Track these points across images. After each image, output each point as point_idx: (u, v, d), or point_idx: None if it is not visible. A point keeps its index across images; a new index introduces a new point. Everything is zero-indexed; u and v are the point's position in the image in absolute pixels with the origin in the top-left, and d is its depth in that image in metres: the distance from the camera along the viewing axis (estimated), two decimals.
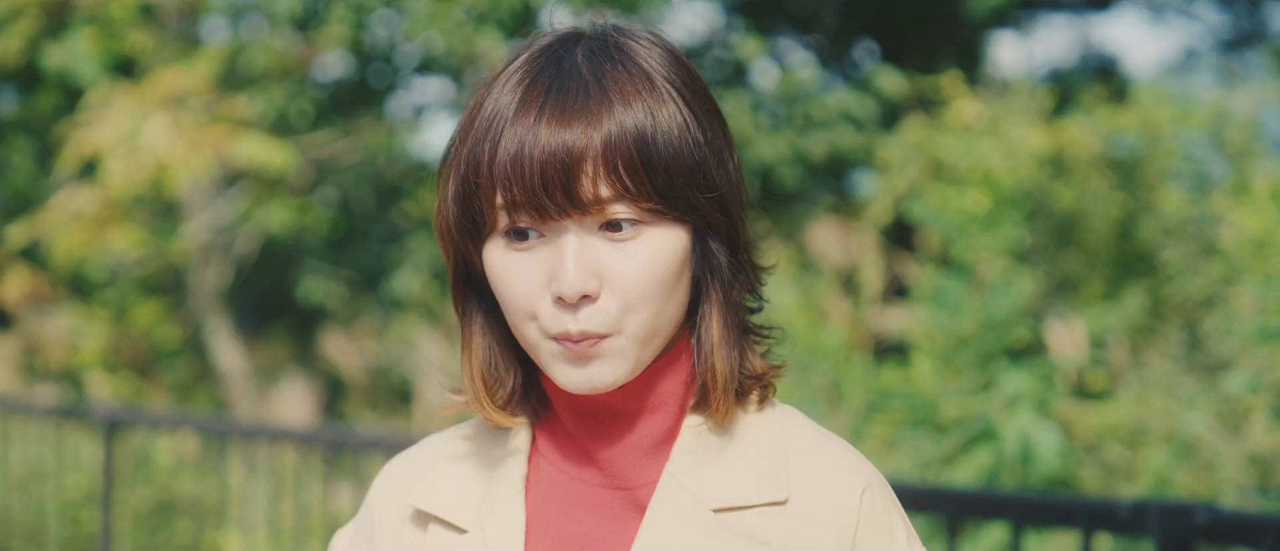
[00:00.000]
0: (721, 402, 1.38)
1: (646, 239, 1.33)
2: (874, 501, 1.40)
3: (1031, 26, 10.16)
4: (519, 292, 1.33)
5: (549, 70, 1.34)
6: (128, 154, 7.70)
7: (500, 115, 1.33)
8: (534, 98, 1.32)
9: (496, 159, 1.31)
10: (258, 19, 8.89)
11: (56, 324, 9.57)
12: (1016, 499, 3.16)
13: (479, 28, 7.70)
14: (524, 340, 1.37)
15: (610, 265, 1.32)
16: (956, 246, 4.95)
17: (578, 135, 1.30)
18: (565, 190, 1.29)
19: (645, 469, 1.40)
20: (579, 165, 1.29)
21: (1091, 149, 6.28)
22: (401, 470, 1.52)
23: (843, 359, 5.14)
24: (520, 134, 1.31)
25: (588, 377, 1.34)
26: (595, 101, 1.31)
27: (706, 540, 1.35)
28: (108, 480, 6.09)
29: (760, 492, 1.37)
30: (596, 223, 1.32)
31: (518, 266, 1.33)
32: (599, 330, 1.32)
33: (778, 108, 8.55)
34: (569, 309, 1.32)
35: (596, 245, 1.32)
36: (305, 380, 10.47)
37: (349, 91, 9.31)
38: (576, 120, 1.30)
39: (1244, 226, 4.75)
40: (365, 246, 10.17)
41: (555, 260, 1.32)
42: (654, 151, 1.31)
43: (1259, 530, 2.66)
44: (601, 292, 1.32)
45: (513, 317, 1.36)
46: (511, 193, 1.31)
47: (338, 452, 5.61)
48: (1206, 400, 4.65)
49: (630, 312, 1.33)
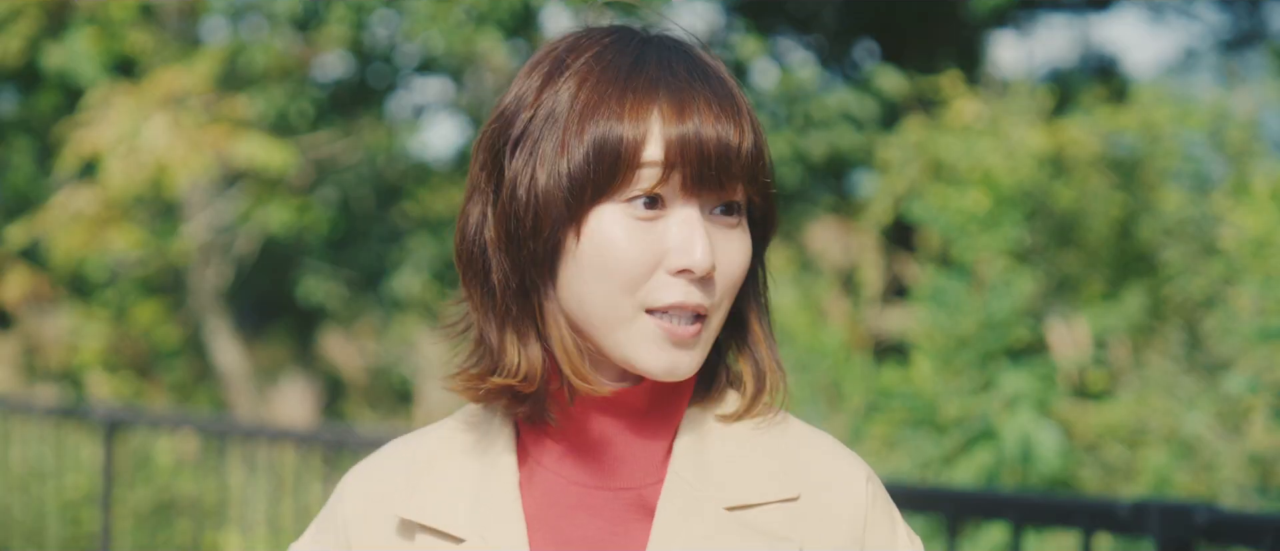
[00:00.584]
0: (762, 402, 1.41)
1: (743, 229, 1.37)
2: (876, 490, 1.43)
3: (1031, 26, 10.16)
4: (633, 260, 1.31)
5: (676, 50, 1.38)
6: (128, 154, 7.70)
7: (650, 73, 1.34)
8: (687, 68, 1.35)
9: (666, 119, 1.31)
10: (258, 19, 8.89)
11: (56, 324, 9.57)
12: (1016, 499, 3.16)
13: (479, 28, 7.70)
14: (605, 314, 1.33)
15: (720, 246, 1.34)
16: (956, 246, 4.95)
17: (736, 112, 1.34)
18: (722, 170, 1.32)
19: (648, 469, 1.39)
20: (735, 152, 1.32)
21: (1091, 149, 6.28)
22: (374, 478, 1.45)
23: (843, 359, 5.14)
24: (690, 97, 1.33)
25: (675, 362, 1.34)
26: (730, 83, 1.36)
27: (725, 538, 1.35)
28: (108, 480, 6.09)
29: (773, 490, 1.38)
30: (712, 205, 1.34)
31: (638, 232, 1.32)
32: (706, 305, 1.34)
33: (778, 107, 8.55)
34: (693, 282, 1.32)
35: (707, 227, 1.34)
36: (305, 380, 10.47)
37: (349, 91, 9.31)
38: (731, 97, 1.35)
39: (1244, 226, 4.75)
40: (365, 246, 10.17)
41: (682, 236, 1.32)
42: (765, 152, 1.37)
43: (1259, 530, 2.66)
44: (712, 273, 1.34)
45: (605, 287, 1.32)
46: (679, 159, 1.31)
47: (338, 452, 5.61)
48: (1206, 400, 4.66)
49: (724, 297, 1.36)
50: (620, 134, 1.31)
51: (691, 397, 1.41)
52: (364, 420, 9.63)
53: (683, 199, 1.32)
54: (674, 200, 1.33)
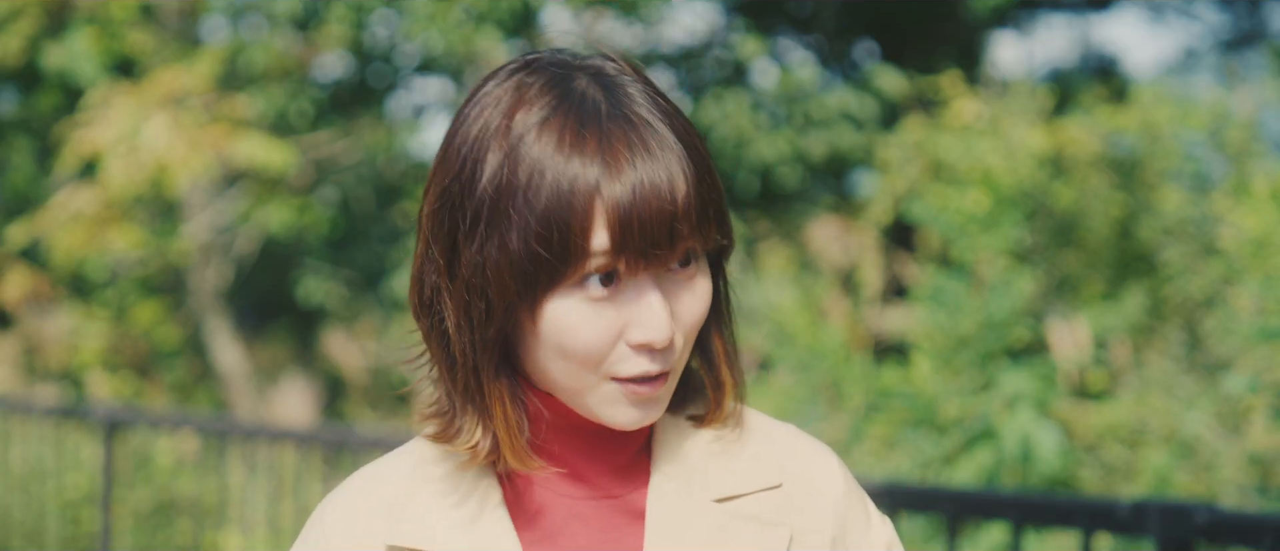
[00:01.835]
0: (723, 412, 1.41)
1: (699, 272, 1.34)
2: (846, 474, 1.46)
3: (1031, 26, 10.15)
4: (593, 343, 1.30)
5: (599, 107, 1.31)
6: (128, 154, 7.70)
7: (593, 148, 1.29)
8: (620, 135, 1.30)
9: (610, 201, 1.27)
10: (258, 19, 8.89)
11: (56, 324, 9.58)
12: (1016, 499, 3.16)
13: (478, 27, 7.70)
14: (568, 384, 1.33)
15: (677, 304, 1.32)
16: (956, 246, 4.95)
17: (669, 181, 1.29)
18: (669, 235, 1.29)
19: (629, 475, 1.40)
20: (678, 211, 1.28)
21: (1091, 149, 6.28)
22: (356, 505, 1.42)
23: (843, 359, 5.14)
24: (627, 175, 1.28)
25: (644, 415, 1.34)
26: (666, 141, 1.31)
27: (719, 530, 1.37)
28: (108, 480, 6.09)
29: (757, 479, 1.40)
30: (667, 265, 1.31)
31: (593, 315, 1.30)
32: (670, 368, 1.33)
33: (778, 107, 8.55)
34: (653, 355, 1.31)
35: (663, 286, 1.32)
36: (305, 380, 10.47)
37: (349, 91, 9.31)
38: (659, 163, 1.29)
39: (1244, 226, 4.75)
40: (365, 246, 10.17)
41: (639, 310, 1.30)
42: (712, 194, 1.32)
43: (1259, 530, 2.66)
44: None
45: (569, 365, 1.31)
46: (622, 236, 1.27)
47: (338, 452, 5.61)
48: (1206, 400, 4.66)
49: (686, 345, 1.35)
50: (568, 222, 1.27)
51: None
52: (364, 420, 9.63)
53: (637, 271, 1.30)
54: (629, 273, 1.30)
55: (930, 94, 7.49)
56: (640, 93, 1.34)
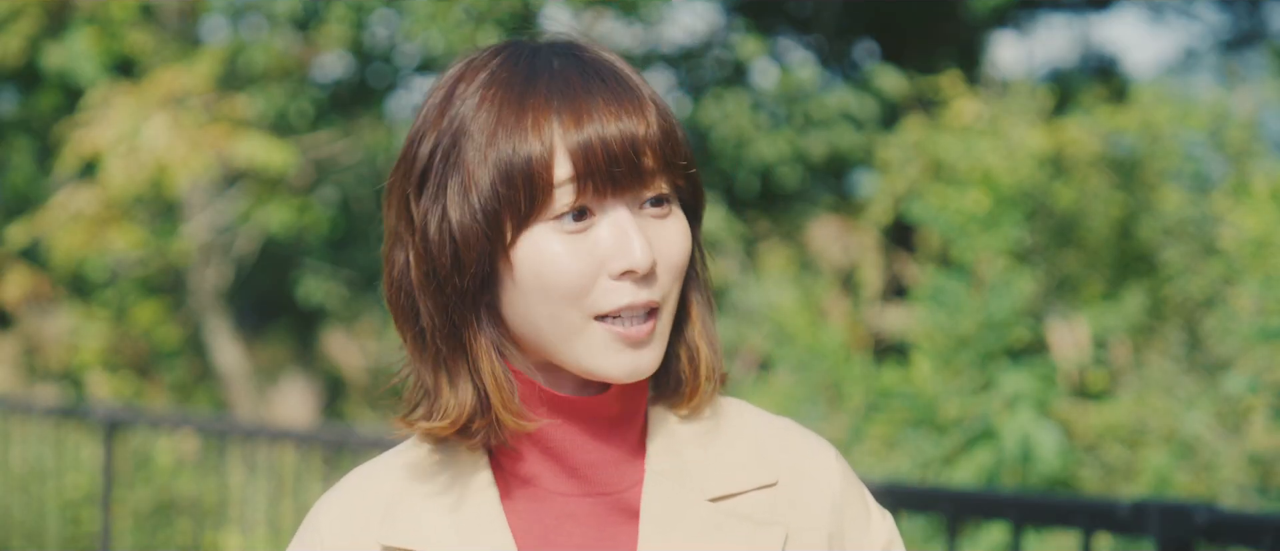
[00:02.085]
0: (701, 388, 1.39)
1: (676, 215, 1.36)
2: (845, 469, 1.46)
3: (1031, 26, 10.15)
4: (574, 274, 1.31)
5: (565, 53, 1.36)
6: (128, 154, 7.70)
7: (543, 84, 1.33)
8: (577, 70, 1.34)
9: (567, 129, 1.31)
10: (257, 19, 8.89)
11: (56, 324, 9.58)
12: (1016, 499, 3.16)
13: (479, 27, 7.70)
14: (554, 330, 1.33)
15: (658, 237, 1.34)
16: (956, 246, 4.95)
17: (636, 105, 1.33)
18: (635, 161, 1.32)
19: (625, 471, 1.39)
20: (642, 142, 1.32)
21: (1091, 149, 6.28)
22: (350, 507, 1.41)
23: (843, 359, 5.14)
24: (585, 100, 1.32)
25: (636, 363, 1.34)
26: (631, 77, 1.35)
27: (712, 530, 1.36)
28: (108, 480, 6.09)
29: (751, 478, 1.40)
30: (639, 201, 1.34)
31: (571, 246, 1.31)
32: (655, 300, 1.33)
33: (778, 107, 8.55)
34: (638, 282, 1.32)
35: (640, 222, 1.34)
36: (305, 380, 10.47)
37: (349, 91, 9.31)
38: (625, 101, 1.33)
39: (1244, 226, 4.75)
40: (365, 246, 10.17)
41: (616, 239, 1.31)
42: (677, 132, 1.36)
43: (1259, 530, 2.66)
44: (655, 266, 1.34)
45: (552, 304, 1.32)
46: (585, 166, 1.30)
47: (338, 452, 5.61)
48: (1206, 400, 4.66)
49: (672, 286, 1.35)
50: (527, 157, 1.30)
51: (649, 392, 1.41)
52: (364, 420, 9.63)
53: (608, 203, 1.32)
54: (599, 207, 1.32)
55: (930, 94, 7.49)
56: (607, 57, 1.38)
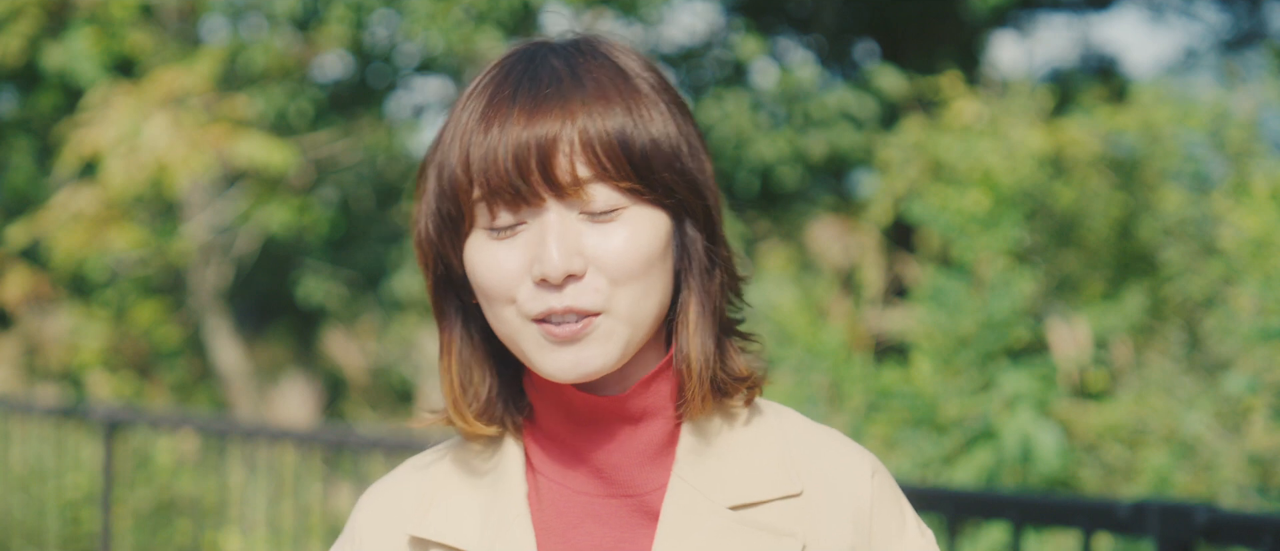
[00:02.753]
0: (697, 392, 1.38)
1: (628, 219, 1.34)
2: (883, 482, 1.43)
3: (1031, 26, 10.15)
4: (496, 277, 1.34)
5: (520, 67, 1.37)
6: (128, 154, 7.70)
7: (473, 111, 1.35)
8: (506, 92, 1.35)
9: (471, 151, 1.33)
10: (257, 19, 8.89)
11: (56, 324, 9.57)
12: (1016, 499, 3.16)
13: (478, 27, 7.70)
14: (503, 331, 1.36)
15: (595, 244, 1.33)
16: (956, 246, 4.95)
17: (551, 120, 1.32)
18: (542, 172, 1.31)
19: (651, 474, 1.40)
20: (554, 147, 1.31)
21: (1091, 149, 6.28)
22: (388, 497, 1.47)
23: (843, 359, 5.13)
24: (494, 124, 1.33)
25: (575, 362, 1.34)
26: (569, 87, 1.34)
27: (728, 538, 1.36)
28: (108, 480, 6.09)
29: (774, 487, 1.39)
30: (578, 207, 1.33)
31: (497, 254, 1.34)
32: (589, 307, 1.32)
33: (777, 107, 8.55)
34: (553, 289, 1.32)
35: (579, 227, 1.33)
36: (305, 380, 10.47)
37: (349, 91, 9.31)
38: (551, 105, 1.33)
39: (1244, 226, 4.75)
40: (365, 246, 10.17)
41: (536, 244, 1.33)
42: (630, 133, 1.34)
43: (1259, 530, 2.66)
44: (587, 271, 1.33)
45: (491, 307, 1.36)
46: (486, 181, 1.32)
47: (338, 452, 5.61)
48: (1206, 400, 4.65)
49: (619, 289, 1.33)
50: (452, 172, 1.35)
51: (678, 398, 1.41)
52: (364, 420, 9.64)
53: (531, 211, 1.33)
54: (527, 215, 1.33)
55: (930, 94, 7.48)
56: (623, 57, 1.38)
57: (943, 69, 7.56)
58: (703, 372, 1.38)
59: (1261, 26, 10.17)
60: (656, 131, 1.35)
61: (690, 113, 1.41)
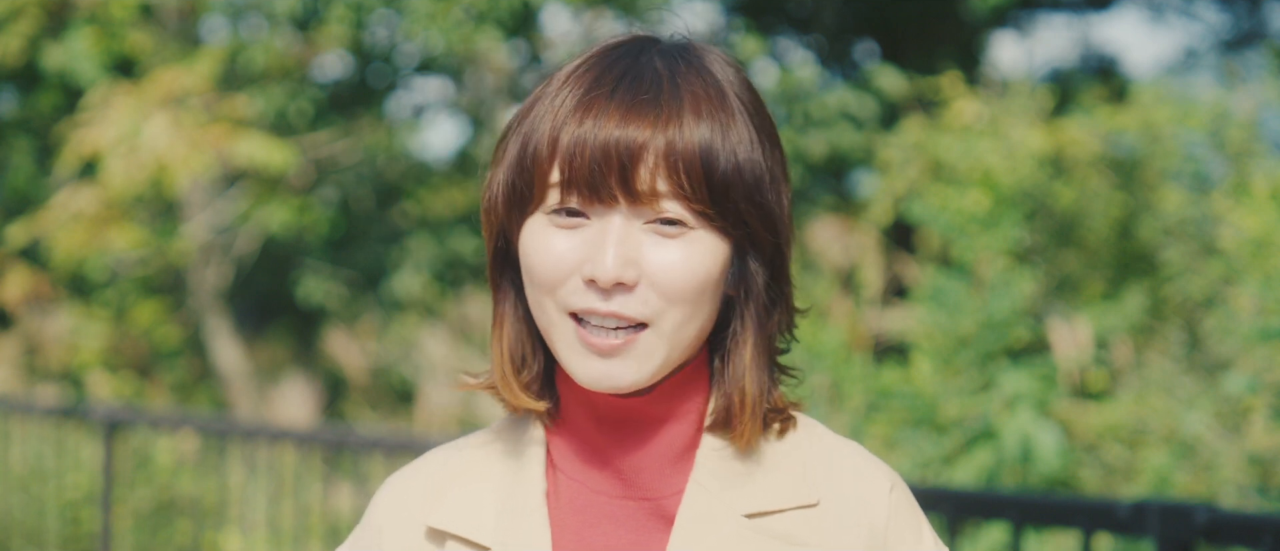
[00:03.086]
0: (746, 427, 1.38)
1: (692, 240, 1.33)
2: (901, 497, 1.43)
3: (1031, 26, 10.15)
4: (548, 263, 1.33)
5: (623, 62, 1.36)
6: (128, 154, 7.70)
7: (570, 95, 1.35)
8: (606, 84, 1.34)
9: (561, 134, 1.33)
10: (257, 18, 8.89)
11: (57, 324, 9.58)
12: (1016, 499, 3.16)
13: (478, 27, 7.70)
14: (541, 319, 1.36)
15: (652, 258, 1.33)
16: (956, 246, 4.95)
17: (644, 126, 1.32)
18: (622, 176, 1.31)
19: (669, 478, 1.40)
20: (640, 156, 1.31)
21: (1091, 149, 6.28)
22: (408, 486, 1.48)
23: (843, 359, 5.14)
24: (588, 114, 1.33)
25: (607, 373, 1.34)
26: (667, 97, 1.34)
27: (742, 545, 1.37)
28: (108, 480, 6.09)
29: (791, 496, 1.39)
30: (646, 216, 1.33)
31: (555, 240, 1.34)
32: (635, 316, 1.32)
33: (777, 107, 8.55)
34: (599, 292, 1.32)
35: (641, 236, 1.33)
36: (305, 380, 10.47)
37: (349, 91, 9.31)
38: (646, 111, 1.32)
39: (1244, 226, 4.75)
40: (365, 246, 10.16)
41: (595, 243, 1.32)
42: (716, 157, 1.33)
43: (1259, 530, 2.66)
44: (639, 283, 1.33)
45: (533, 291, 1.36)
46: (569, 169, 1.32)
47: (338, 452, 5.61)
48: (1206, 400, 4.65)
49: (669, 307, 1.33)
50: (535, 148, 1.34)
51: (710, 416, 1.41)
52: (364, 420, 9.64)
53: (601, 208, 1.33)
54: (594, 211, 1.33)
55: (930, 94, 7.48)
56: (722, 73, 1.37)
57: (943, 69, 7.56)
58: (756, 407, 1.38)
59: (1261, 26, 10.17)
60: (742, 157, 1.34)
61: (778, 136, 1.41)
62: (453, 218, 9.47)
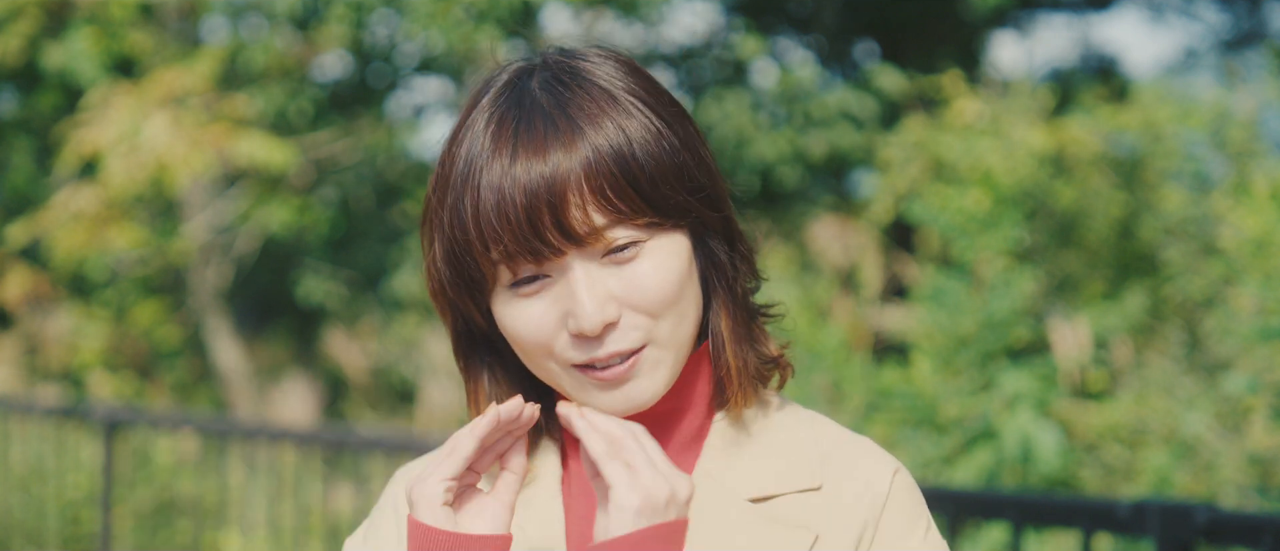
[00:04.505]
0: (740, 393, 1.40)
1: (651, 252, 1.34)
2: (903, 484, 1.44)
3: (1031, 26, 10.15)
4: (532, 332, 1.34)
5: (511, 111, 1.34)
6: (128, 153, 7.70)
7: (473, 164, 1.32)
8: (504, 141, 1.32)
9: (480, 213, 1.30)
10: (257, 18, 8.89)
11: (57, 324, 9.57)
12: (1016, 499, 3.16)
13: (478, 26, 7.70)
14: (545, 378, 1.38)
15: (624, 285, 1.33)
16: (956, 246, 4.95)
17: (554, 167, 1.29)
18: (557, 226, 1.30)
19: (678, 464, 1.42)
20: (564, 198, 1.29)
21: (1092, 148, 6.28)
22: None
23: (843, 358, 5.13)
24: (497, 180, 1.30)
25: (627, 398, 1.35)
26: (564, 130, 1.31)
27: (745, 528, 1.38)
28: (108, 480, 6.09)
29: (794, 480, 1.41)
30: (598, 252, 1.32)
31: (528, 310, 1.34)
32: (632, 346, 1.33)
33: (778, 107, 8.55)
34: (592, 340, 1.33)
35: (603, 272, 1.33)
36: (305, 380, 10.47)
37: (349, 91, 9.31)
38: (550, 152, 1.30)
39: (1244, 226, 4.75)
40: (365, 246, 10.17)
41: (566, 298, 1.32)
42: (635, 165, 1.32)
43: (1259, 530, 2.65)
44: (623, 314, 1.33)
45: (530, 359, 1.37)
46: (504, 244, 1.30)
47: (338, 452, 5.61)
48: (1206, 400, 4.65)
49: (658, 321, 1.34)
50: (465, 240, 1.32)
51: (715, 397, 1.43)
52: (364, 420, 9.63)
53: (556, 261, 1.32)
54: (551, 268, 1.32)
55: (931, 93, 7.48)
56: (604, 76, 1.35)
57: (943, 68, 7.56)
58: (743, 375, 1.40)
59: (1261, 26, 10.17)
60: (656, 149, 1.33)
61: (684, 111, 1.39)
62: None
